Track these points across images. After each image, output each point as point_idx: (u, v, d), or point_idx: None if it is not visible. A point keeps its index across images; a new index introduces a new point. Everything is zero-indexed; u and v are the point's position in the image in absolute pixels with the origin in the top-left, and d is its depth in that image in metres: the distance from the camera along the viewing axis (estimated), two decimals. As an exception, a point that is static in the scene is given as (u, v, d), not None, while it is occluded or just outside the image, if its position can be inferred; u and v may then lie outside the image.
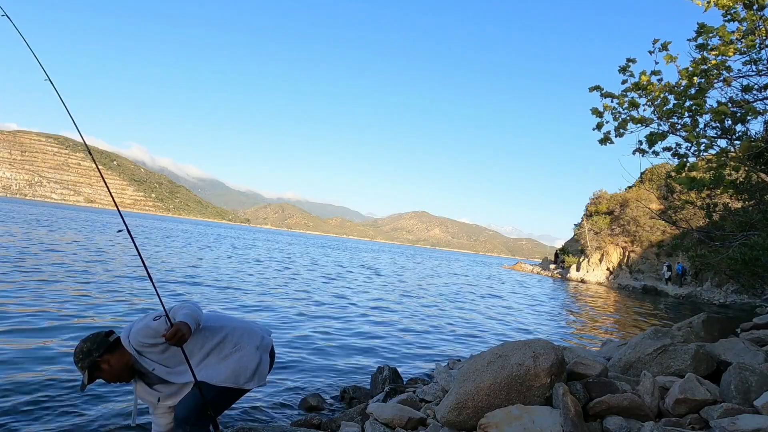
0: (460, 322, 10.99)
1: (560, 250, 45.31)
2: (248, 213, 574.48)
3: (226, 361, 2.50)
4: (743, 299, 22.85)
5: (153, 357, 2.41)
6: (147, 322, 2.40)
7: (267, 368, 2.68)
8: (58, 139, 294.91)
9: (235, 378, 2.49)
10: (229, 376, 2.47)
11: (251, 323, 2.78)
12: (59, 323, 6.38)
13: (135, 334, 2.38)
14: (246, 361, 2.53)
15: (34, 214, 43.54)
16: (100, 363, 2.38)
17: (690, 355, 3.67)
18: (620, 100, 5.37)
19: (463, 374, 3.25)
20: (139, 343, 2.37)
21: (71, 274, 10.67)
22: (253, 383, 2.55)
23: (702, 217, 11.01)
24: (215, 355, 2.50)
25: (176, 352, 2.42)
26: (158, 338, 2.36)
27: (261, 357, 2.61)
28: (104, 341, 2.42)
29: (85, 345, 2.40)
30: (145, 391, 2.51)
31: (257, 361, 2.58)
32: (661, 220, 25.65)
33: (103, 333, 2.47)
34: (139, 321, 2.46)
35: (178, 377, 2.44)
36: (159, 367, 2.42)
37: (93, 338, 2.43)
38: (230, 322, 2.68)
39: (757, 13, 4.69)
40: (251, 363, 2.54)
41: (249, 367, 2.53)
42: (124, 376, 2.45)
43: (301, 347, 6.79)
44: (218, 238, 43.10)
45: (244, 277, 14.84)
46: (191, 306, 2.47)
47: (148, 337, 2.36)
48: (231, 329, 2.60)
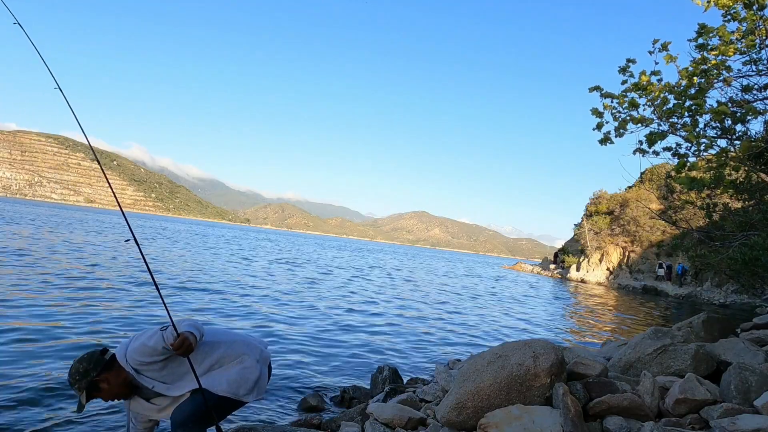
0: (460, 322, 10.99)
1: (560, 250, 45.32)
2: (248, 213, 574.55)
3: (227, 372, 2.49)
4: (743, 299, 22.86)
5: (151, 375, 2.39)
6: (144, 340, 2.36)
7: (266, 381, 2.68)
8: (58, 139, 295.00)
9: (236, 389, 2.48)
10: (230, 386, 2.47)
11: (249, 336, 2.79)
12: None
13: (132, 353, 2.35)
14: (247, 373, 2.53)
15: (46, 215, 43.51)
16: (99, 382, 2.35)
17: (690, 355, 3.67)
18: (620, 101, 5.37)
19: (463, 374, 3.24)
20: (137, 362, 2.35)
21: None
22: (252, 396, 2.55)
23: (702, 217, 11.01)
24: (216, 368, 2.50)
25: (174, 369, 2.40)
26: (155, 356, 2.33)
27: (261, 370, 2.61)
28: (100, 360, 2.37)
29: (81, 365, 2.35)
30: (142, 405, 2.50)
31: (257, 374, 2.58)
32: (661, 220, 25.65)
33: (98, 351, 2.43)
34: (135, 339, 2.42)
35: (178, 391, 2.43)
36: (158, 385, 2.40)
37: (88, 358, 2.38)
38: (228, 336, 2.68)
39: (757, 13, 4.69)
40: (252, 376, 2.54)
41: (250, 379, 2.53)
42: (123, 394, 2.42)
43: (301, 347, 6.78)
44: (219, 239, 43.13)
45: (256, 280, 14.84)
46: (192, 321, 2.48)
47: (145, 355, 2.33)
48: (230, 343, 2.59)
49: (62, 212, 65.54)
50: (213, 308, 8.92)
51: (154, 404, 2.49)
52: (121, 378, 2.38)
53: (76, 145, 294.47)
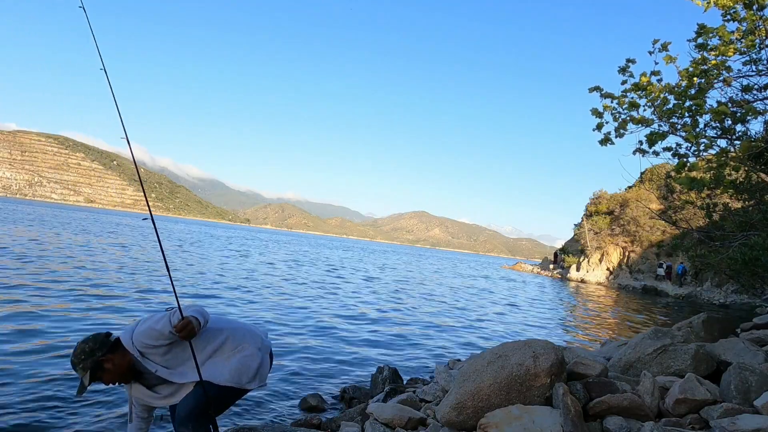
0: (461, 322, 10.98)
1: (560, 250, 45.30)
2: (248, 213, 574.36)
3: (228, 361, 2.52)
4: (743, 299, 22.85)
5: (155, 359, 2.42)
6: (151, 323, 2.40)
7: (267, 369, 2.71)
8: (58, 139, 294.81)
9: (238, 378, 2.51)
10: (232, 375, 2.50)
11: (251, 325, 2.81)
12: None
13: (139, 335, 2.39)
14: (248, 361, 2.56)
15: (57, 216, 43.49)
16: (104, 362, 2.37)
17: (690, 355, 3.67)
18: (620, 101, 5.38)
19: (463, 374, 3.25)
20: (143, 344, 2.38)
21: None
22: (254, 383, 2.59)
23: (702, 217, 11.01)
24: (218, 356, 2.53)
25: (178, 353, 2.44)
26: (161, 340, 2.37)
27: (262, 358, 2.65)
28: (106, 341, 2.41)
29: (87, 345, 2.38)
30: (143, 393, 2.52)
31: (259, 361, 2.61)
32: (661, 220, 25.65)
33: (103, 333, 2.46)
34: (143, 323, 2.46)
35: (180, 377, 2.46)
36: (161, 369, 2.43)
37: (93, 338, 2.42)
38: (231, 324, 2.71)
39: (757, 13, 4.69)
40: (253, 363, 2.57)
41: (251, 367, 2.56)
42: (125, 377, 2.45)
43: (301, 347, 6.79)
44: (234, 241, 43.13)
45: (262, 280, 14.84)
46: (198, 306, 2.52)
47: (151, 338, 2.37)
48: (232, 330, 2.63)
49: (72, 213, 65.54)
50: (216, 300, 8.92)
51: (156, 392, 2.51)
52: (126, 360, 2.41)
53: (76, 145, 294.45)
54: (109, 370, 2.39)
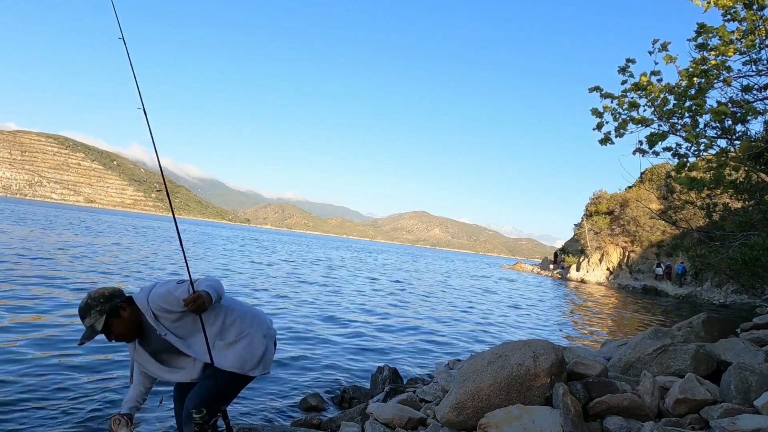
0: (461, 321, 10.99)
1: (560, 250, 45.29)
2: (248, 213, 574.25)
3: (233, 347, 2.52)
4: (743, 299, 22.85)
5: (167, 324, 2.42)
6: (170, 287, 2.41)
7: (272, 357, 2.71)
8: (58, 139, 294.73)
9: (242, 364, 2.51)
10: (236, 361, 2.49)
11: (259, 311, 2.81)
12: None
13: (155, 297, 2.39)
14: (253, 347, 2.55)
15: (60, 217, 43.51)
16: (121, 309, 2.38)
17: (690, 355, 3.67)
18: (620, 101, 5.38)
19: (463, 374, 3.25)
20: (158, 307, 2.38)
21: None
22: (258, 370, 2.57)
23: (702, 217, 11.01)
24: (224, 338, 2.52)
25: (188, 323, 2.44)
26: (176, 306, 2.37)
27: (267, 345, 2.64)
28: (122, 293, 2.44)
29: (106, 290, 2.40)
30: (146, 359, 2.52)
31: (263, 348, 2.60)
32: (661, 220, 25.65)
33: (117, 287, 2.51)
34: (161, 285, 2.46)
35: (187, 348, 2.46)
36: (170, 335, 2.43)
37: (110, 287, 2.45)
38: (242, 306, 2.71)
39: (757, 13, 4.70)
40: (258, 350, 2.56)
41: (256, 354, 2.55)
42: (132, 333, 2.44)
43: (301, 347, 6.79)
44: (248, 242, 43.13)
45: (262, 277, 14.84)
46: (214, 280, 2.50)
47: (169, 303, 2.37)
48: (242, 313, 2.62)
49: (76, 213, 65.53)
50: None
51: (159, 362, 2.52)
52: (136, 317, 2.42)
53: (76, 145, 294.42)
54: (122, 320, 2.39)
